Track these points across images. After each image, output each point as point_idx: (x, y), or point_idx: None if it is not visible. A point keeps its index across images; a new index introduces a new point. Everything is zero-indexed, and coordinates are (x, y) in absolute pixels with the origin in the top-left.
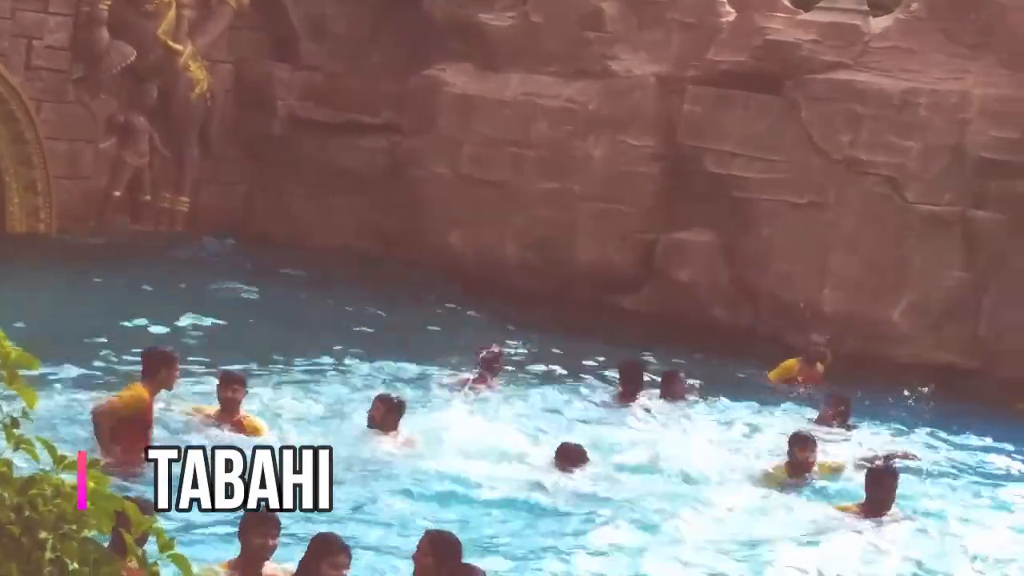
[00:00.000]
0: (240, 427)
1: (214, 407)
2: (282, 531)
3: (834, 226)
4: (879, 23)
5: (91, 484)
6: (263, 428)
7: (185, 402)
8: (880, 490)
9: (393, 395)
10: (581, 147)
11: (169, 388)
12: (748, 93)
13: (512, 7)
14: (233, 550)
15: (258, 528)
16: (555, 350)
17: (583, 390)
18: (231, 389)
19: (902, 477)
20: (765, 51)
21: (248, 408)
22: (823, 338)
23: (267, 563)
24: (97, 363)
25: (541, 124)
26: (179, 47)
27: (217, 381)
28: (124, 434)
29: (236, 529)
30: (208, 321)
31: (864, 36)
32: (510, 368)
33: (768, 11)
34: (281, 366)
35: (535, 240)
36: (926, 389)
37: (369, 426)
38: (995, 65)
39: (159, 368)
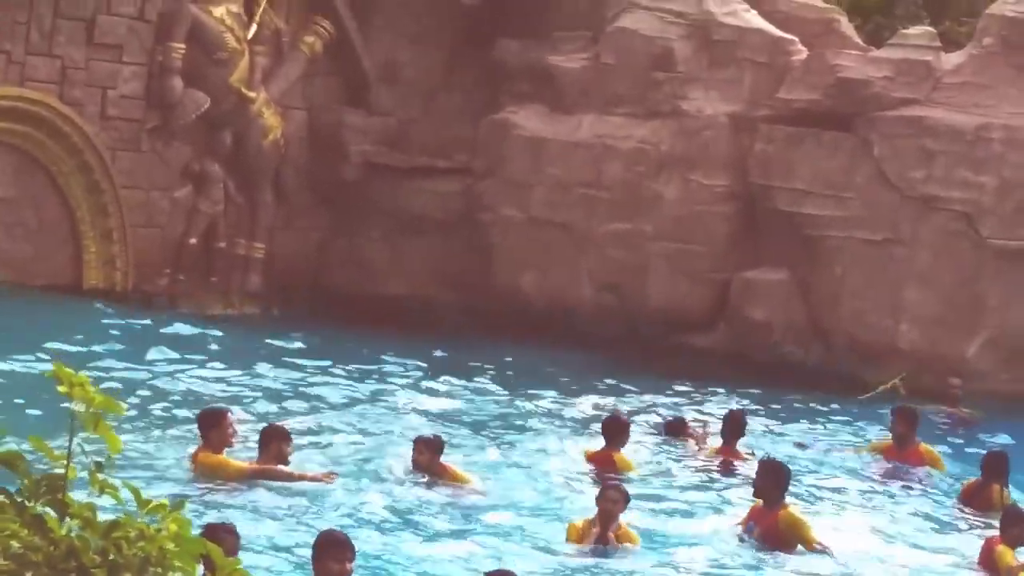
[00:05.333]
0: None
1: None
2: None
3: (908, 262)
4: (951, 59)
5: (174, 527)
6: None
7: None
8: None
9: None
10: (653, 187)
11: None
12: (820, 131)
13: (583, 49)
14: None
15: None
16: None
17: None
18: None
19: None
20: (837, 89)
21: None
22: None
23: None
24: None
25: (613, 165)
26: (252, 94)
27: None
28: None
29: None
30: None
31: (936, 72)
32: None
33: (839, 49)
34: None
35: (607, 282)
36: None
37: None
38: None
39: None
